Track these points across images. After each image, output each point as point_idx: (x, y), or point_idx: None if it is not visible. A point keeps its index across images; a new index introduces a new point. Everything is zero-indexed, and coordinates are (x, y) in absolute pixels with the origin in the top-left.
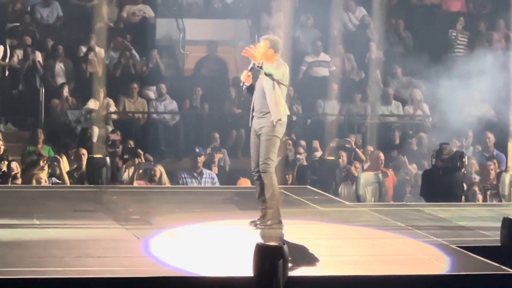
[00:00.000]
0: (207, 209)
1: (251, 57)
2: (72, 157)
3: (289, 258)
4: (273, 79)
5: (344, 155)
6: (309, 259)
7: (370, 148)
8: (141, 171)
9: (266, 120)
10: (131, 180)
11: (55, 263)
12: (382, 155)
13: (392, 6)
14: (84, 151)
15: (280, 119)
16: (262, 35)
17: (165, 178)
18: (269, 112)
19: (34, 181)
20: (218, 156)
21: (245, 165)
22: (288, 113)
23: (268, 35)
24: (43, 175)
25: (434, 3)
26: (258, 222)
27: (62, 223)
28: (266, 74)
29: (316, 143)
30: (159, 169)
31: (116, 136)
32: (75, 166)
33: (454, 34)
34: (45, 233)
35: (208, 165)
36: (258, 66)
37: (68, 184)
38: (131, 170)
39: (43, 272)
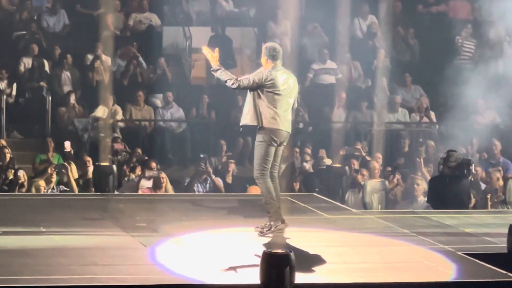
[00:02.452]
0: (214, 217)
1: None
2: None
3: (296, 266)
4: (224, 82)
5: (355, 163)
6: (316, 266)
7: (379, 155)
8: (147, 179)
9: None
10: (136, 188)
11: (61, 271)
12: (377, 165)
13: (398, 14)
14: (88, 158)
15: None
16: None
17: (169, 185)
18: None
19: (33, 189)
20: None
21: (252, 173)
22: (276, 126)
23: (267, 43)
24: (42, 182)
25: (440, 10)
26: (264, 230)
27: (68, 231)
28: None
29: (322, 152)
30: (164, 177)
31: (119, 146)
32: (80, 173)
33: (460, 41)
34: (51, 241)
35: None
36: (211, 69)
37: (76, 192)
38: (134, 177)
39: (50, 280)
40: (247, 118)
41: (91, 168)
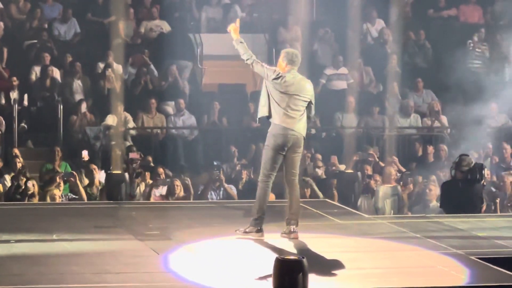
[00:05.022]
0: (226, 223)
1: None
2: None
3: (309, 272)
4: (241, 55)
5: (368, 169)
6: (329, 272)
7: (395, 159)
8: (158, 187)
9: None
10: (147, 197)
11: (75, 279)
12: (393, 170)
13: (409, 18)
14: (94, 166)
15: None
16: (280, 49)
17: (182, 193)
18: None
19: (48, 198)
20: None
21: None
22: (279, 122)
23: (287, 49)
24: (57, 191)
25: (451, 14)
26: (240, 231)
27: (81, 239)
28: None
29: (334, 159)
30: (179, 184)
31: (135, 155)
32: (88, 182)
33: (472, 45)
34: (64, 249)
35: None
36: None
37: (85, 200)
38: (143, 185)
39: None
40: (263, 110)
41: (98, 176)
